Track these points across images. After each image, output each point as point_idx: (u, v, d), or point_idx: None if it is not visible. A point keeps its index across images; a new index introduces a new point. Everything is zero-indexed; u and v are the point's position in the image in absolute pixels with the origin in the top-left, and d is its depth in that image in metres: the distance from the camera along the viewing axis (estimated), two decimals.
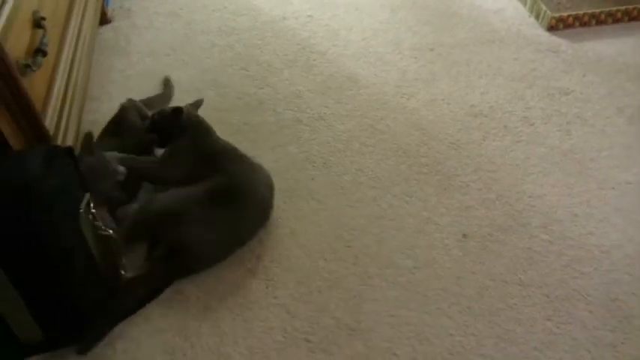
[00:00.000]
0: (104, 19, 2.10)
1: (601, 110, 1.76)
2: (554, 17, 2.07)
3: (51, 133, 1.20)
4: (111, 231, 1.13)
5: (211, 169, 1.37)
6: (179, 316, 1.22)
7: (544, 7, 2.10)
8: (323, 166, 1.56)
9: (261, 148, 1.60)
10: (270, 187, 1.41)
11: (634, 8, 2.12)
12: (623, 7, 2.11)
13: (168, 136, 1.44)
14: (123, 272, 1.21)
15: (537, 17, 2.15)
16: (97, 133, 1.56)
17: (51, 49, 1.31)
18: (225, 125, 1.68)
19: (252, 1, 2.25)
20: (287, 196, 1.47)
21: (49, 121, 1.21)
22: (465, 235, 1.39)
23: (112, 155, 1.36)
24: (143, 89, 1.80)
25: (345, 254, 1.35)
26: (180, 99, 1.78)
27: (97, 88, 1.81)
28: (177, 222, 1.27)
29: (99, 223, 1.09)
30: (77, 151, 1.35)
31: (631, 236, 1.40)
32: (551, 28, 2.10)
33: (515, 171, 1.56)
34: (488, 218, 1.43)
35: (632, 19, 2.14)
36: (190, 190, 1.33)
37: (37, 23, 1.24)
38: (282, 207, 1.45)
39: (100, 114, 1.71)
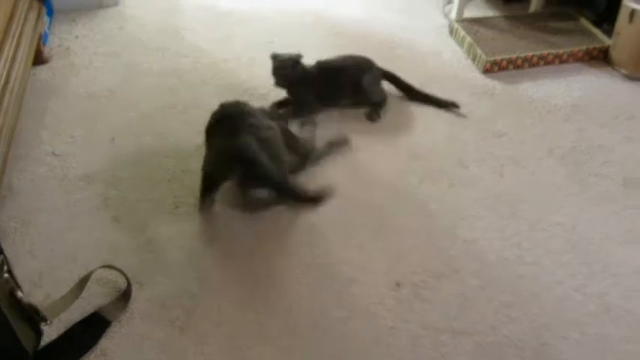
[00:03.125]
0: (40, 59, 2.06)
1: (533, 152, 1.81)
2: (489, 61, 2.14)
3: None
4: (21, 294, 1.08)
5: None
6: None
7: (479, 51, 2.17)
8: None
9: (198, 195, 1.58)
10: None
11: (564, 52, 2.21)
12: (554, 51, 2.20)
13: None
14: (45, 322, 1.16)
15: (474, 60, 2.21)
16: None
17: None
18: (162, 171, 1.66)
19: (195, 43, 2.26)
20: (219, 245, 1.45)
21: None
22: (398, 284, 1.40)
23: None
24: (75, 133, 1.77)
25: (278, 306, 1.33)
26: (117, 143, 1.75)
27: (28, 132, 1.76)
28: None
29: (13, 285, 1.05)
30: None
31: (560, 279, 1.43)
32: (487, 71, 2.16)
33: (450, 215, 1.59)
34: (422, 265, 1.44)
35: (562, 61, 2.23)
36: None
37: None
38: (213, 256, 1.43)
39: (30, 160, 1.67)
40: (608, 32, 2.28)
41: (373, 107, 1.93)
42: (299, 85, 1.87)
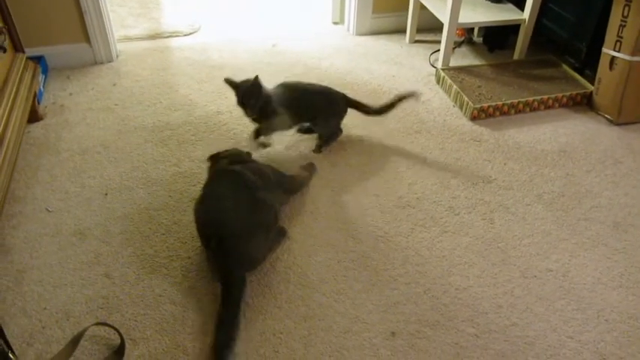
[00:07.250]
0: (35, 117, 2.09)
1: (522, 197, 1.84)
2: (475, 108, 2.19)
3: None
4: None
5: None
6: None
7: (466, 99, 2.22)
8: None
9: (192, 249, 1.59)
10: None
11: (548, 98, 2.27)
12: (539, 97, 2.26)
13: None
14: None
15: (461, 108, 2.26)
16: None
17: None
18: (155, 225, 1.66)
19: (188, 96, 2.30)
20: (214, 300, 1.45)
21: None
22: (393, 333, 1.39)
23: None
24: (69, 189, 1.78)
25: None
26: (110, 198, 1.76)
27: (21, 189, 1.77)
28: None
29: (4, 348, 1.04)
30: None
31: (554, 326, 1.43)
32: (474, 118, 2.21)
33: (442, 263, 1.59)
34: (416, 314, 1.44)
35: (547, 107, 2.29)
36: None
37: None
38: (208, 311, 1.42)
39: (23, 216, 1.67)
40: (590, 78, 2.34)
41: (321, 140, 2.02)
42: (271, 103, 1.86)
